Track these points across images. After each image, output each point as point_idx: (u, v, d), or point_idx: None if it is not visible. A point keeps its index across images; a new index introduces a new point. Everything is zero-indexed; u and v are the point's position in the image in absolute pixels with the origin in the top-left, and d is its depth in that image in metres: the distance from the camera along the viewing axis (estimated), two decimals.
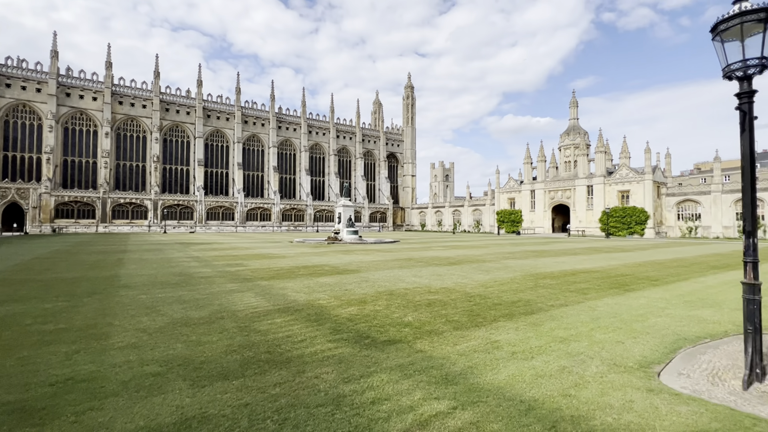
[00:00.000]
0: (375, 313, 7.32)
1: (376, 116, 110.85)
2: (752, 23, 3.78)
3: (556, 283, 11.19)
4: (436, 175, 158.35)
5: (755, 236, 3.88)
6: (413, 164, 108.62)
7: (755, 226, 3.91)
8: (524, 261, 17.73)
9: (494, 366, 4.56)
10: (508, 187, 73.27)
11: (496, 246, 29.42)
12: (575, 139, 63.77)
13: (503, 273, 13.41)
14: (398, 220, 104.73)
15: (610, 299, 8.75)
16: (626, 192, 55.08)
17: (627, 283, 11.03)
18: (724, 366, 4.38)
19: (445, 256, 20.04)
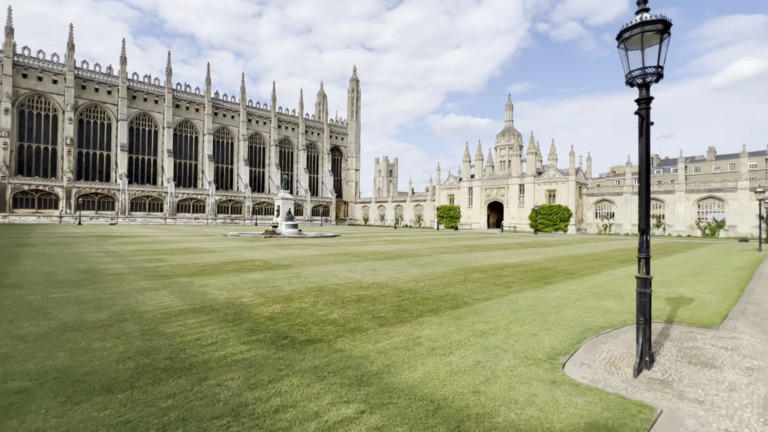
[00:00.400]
0: (300, 311, 7.00)
1: (320, 108, 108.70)
2: (651, 33, 4.01)
3: (485, 277, 11.61)
4: (380, 170, 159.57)
5: (648, 234, 4.17)
6: (357, 158, 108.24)
7: (648, 224, 4.19)
8: (458, 255, 18.29)
9: (412, 363, 4.49)
10: (447, 184, 75.69)
11: (434, 241, 30.18)
12: (510, 141, 67.40)
13: (437, 267, 13.67)
14: (341, 214, 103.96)
15: (531, 292, 9.21)
16: (553, 191, 59.42)
17: (547, 277, 11.74)
18: (620, 354, 4.70)
19: (382, 251, 20.08)
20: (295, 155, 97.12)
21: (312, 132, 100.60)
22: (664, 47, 4.07)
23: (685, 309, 7.45)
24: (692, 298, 8.47)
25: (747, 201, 44.55)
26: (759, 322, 6.56)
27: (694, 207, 49.39)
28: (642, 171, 4.15)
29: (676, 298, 8.45)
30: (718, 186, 48.34)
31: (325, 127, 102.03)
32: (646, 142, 4.10)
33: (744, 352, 4.91)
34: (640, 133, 4.14)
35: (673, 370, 4.20)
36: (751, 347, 5.12)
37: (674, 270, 13.78)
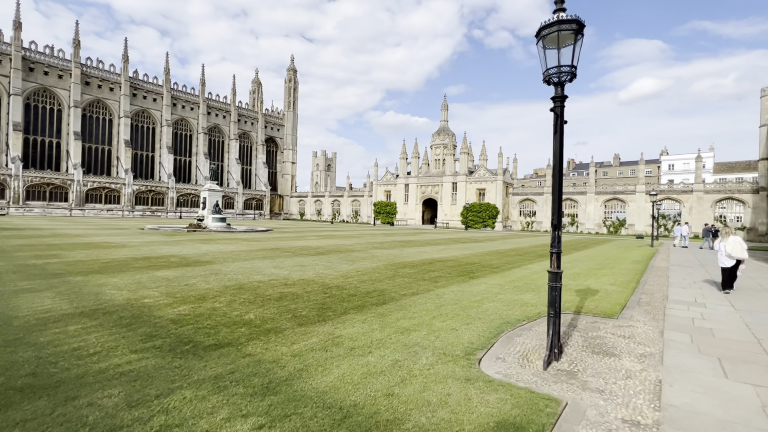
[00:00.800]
0: (211, 312, 6.37)
1: (255, 96, 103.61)
2: (567, 33, 4.08)
3: (414, 272, 11.67)
4: (317, 164, 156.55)
5: (560, 230, 4.29)
6: (294, 151, 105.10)
7: (560, 220, 4.31)
8: (391, 251, 18.35)
9: (327, 366, 4.19)
10: (385, 180, 76.40)
11: (369, 236, 30.14)
12: (444, 140, 69.73)
13: (368, 263, 13.51)
14: (276, 208, 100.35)
15: (457, 287, 9.39)
16: (483, 190, 62.66)
17: (473, 271, 12.13)
18: (533, 347, 4.83)
19: (315, 246, 19.53)
20: (226, 144, 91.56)
21: (245, 121, 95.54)
22: (578, 48, 4.18)
23: (591, 300, 8.03)
24: (598, 289, 9.20)
25: (643, 203, 50.65)
26: (650, 310, 7.25)
27: (601, 207, 55.05)
28: (555, 167, 4.25)
29: (584, 290, 9.12)
30: (621, 189, 54.35)
31: (260, 117, 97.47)
32: (559, 140, 4.19)
33: (638, 340, 5.33)
34: (555, 131, 4.22)
35: (578, 361, 4.39)
36: (644, 335, 5.58)
37: (584, 264, 15.04)
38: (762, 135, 47.19)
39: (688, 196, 49.33)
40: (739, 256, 9.08)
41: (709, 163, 73.66)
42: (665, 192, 51.00)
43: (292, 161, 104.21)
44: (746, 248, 9.29)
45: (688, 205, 49.19)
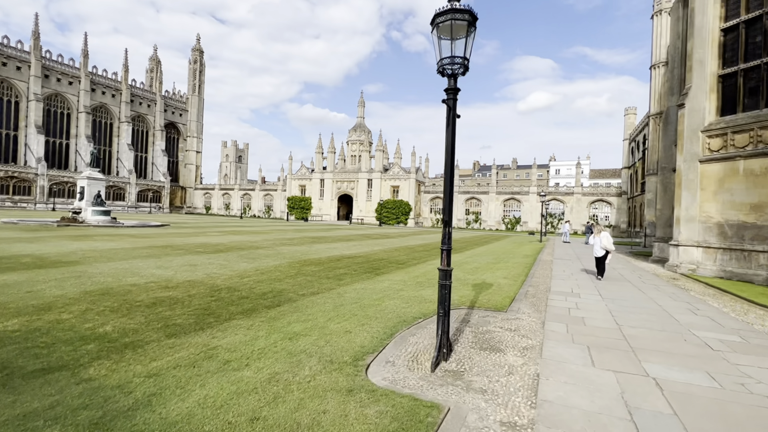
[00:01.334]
0: (53, 326, 5.16)
1: (153, 76, 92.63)
2: (460, 23, 3.96)
3: (319, 269, 11.17)
4: (227, 155, 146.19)
5: (450, 226, 4.18)
6: (199, 139, 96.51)
7: (451, 216, 4.21)
8: (299, 247, 17.57)
9: (189, 387, 3.53)
10: (300, 174, 74.15)
11: (279, 232, 28.74)
12: (361, 136, 70.01)
13: (271, 260, 12.64)
14: (178, 201, 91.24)
15: (360, 284, 9.13)
16: (397, 187, 64.30)
17: (380, 268, 12.04)
18: (425, 346, 4.71)
19: (215, 243, 17.86)
20: (116, 128, 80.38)
21: (141, 102, 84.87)
22: (470, 41, 4.09)
23: (485, 294, 8.38)
24: (492, 283, 9.70)
25: (535, 203, 56.63)
26: (535, 302, 7.78)
27: (501, 206, 60.26)
28: (447, 163, 4.13)
29: (480, 284, 9.54)
30: (517, 190, 60.08)
31: (159, 99, 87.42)
32: (452, 133, 4.07)
33: (522, 332, 5.57)
34: (447, 124, 4.09)
35: (466, 359, 4.35)
36: (528, 327, 5.87)
37: (483, 258, 16.00)
38: (625, 147, 55.85)
39: (570, 197, 56.41)
40: (609, 247, 11.27)
41: (586, 170, 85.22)
42: (552, 194, 57.65)
43: (197, 150, 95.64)
44: (612, 242, 11.46)
45: (570, 205, 56.26)
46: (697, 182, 13.21)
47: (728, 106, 13.01)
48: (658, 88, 28.37)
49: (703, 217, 13.08)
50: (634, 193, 49.01)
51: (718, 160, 12.75)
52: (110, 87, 78.72)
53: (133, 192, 77.93)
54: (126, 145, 79.79)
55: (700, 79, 13.30)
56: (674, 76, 15.95)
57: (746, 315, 7.39)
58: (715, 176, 12.81)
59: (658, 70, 28.67)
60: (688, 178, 13.33)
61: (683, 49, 15.78)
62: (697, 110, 13.32)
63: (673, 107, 16.10)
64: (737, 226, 12.21)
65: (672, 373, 4.20)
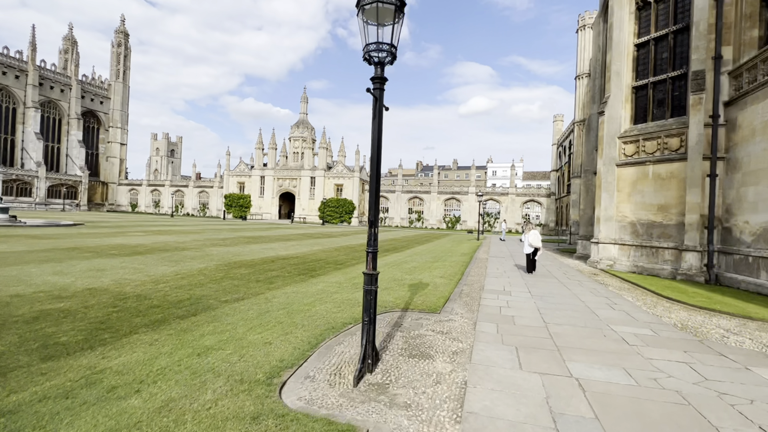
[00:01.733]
0: None
1: (68, 57, 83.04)
2: (387, 8, 3.67)
3: (250, 272, 10.41)
4: (158, 149, 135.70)
5: (376, 226, 3.88)
6: (124, 130, 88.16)
7: (377, 216, 3.90)
8: (231, 248, 16.45)
9: (50, 428, 2.86)
10: (238, 171, 70.58)
11: (212, 231, 26.90)
12: (303, 133, 68.26)
13: (196, 263, 11.59)
14: (98, 198, 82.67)
15: (292, 287, 8.59)
16: (341, 186, 63.56)
17: (316, 269, 11.53)
18: (350, 357, 4.36)
19: (134, 244, 16.15)
20: (19, 113, 70.74)
21: (53, 87, 75.55)
22: (397, 28, 3.82)
23: (420, 295, 8.26)
24: (428, 283, 9.64)
25: (474, 202, 58.97)
26: (469, 302, 7.79)
27: (442, 205, 61.99)
28: (374, 156, 3.81)
29: (416, 284, 9.43)
30: (458, 190, 62.17)
31: (74, 83, 78.40)
32: (378, 126, 3.76)
33: (454, 335, 5.44)
34: (374, 116, 3.77)
35: (393, 369, 4.08)
36: (460, 329, 5.77)
37: (422, 257, 16.08)
38: (553, 152, 60.08)
39: (505, 197, 59.52)
40: (537, 244, 12.26)
41: (520, 172, 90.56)
42: (489, 194, 60.43)
43: (122, 142, 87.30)
44: (540, 239, 12.43)
45: (505, 205, 59.36)
46: (614, 184, 14.29)
47: (641, 114, 14.22)
48: (582, 97, 30.71)
49: (619, 217, 14.18)
50: (561, 194, 52.83)
51: (632, 164, 13.88)
52: (12, 67, 69.12)
53: (42, 187, 69.19)
54: (33, 133, 70.60)
55: (617, 89, 14.40)
56: (596, 85, 17.23)
57: (655, 308, 7.99)
58: (630, 179, 13.94)
59: (582, 81, 31.04)
60: (606, 180, 14.38)
61: (603, 62, 17.06)
62: (615, 118, 14.41)
63: (594, 115, 17.37)
64: (647, 225, 13.37)
65: (593, 372, 4.26)
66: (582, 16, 31.21)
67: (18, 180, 66.50)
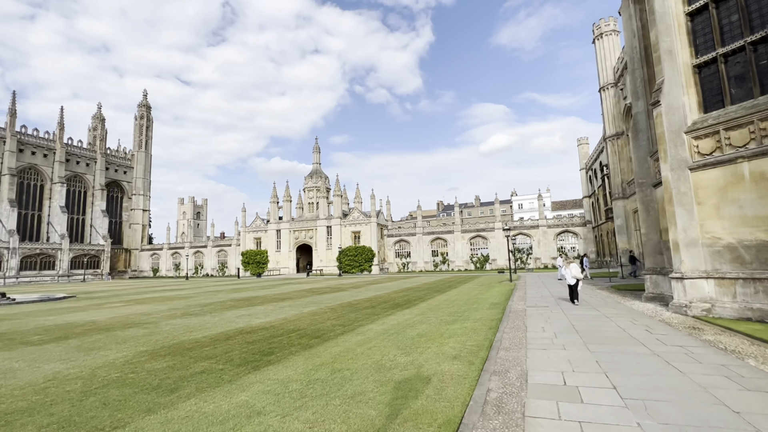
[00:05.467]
0: None
1: (96, 134, 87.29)
2: None
3: (165, 367, 6.95)
4: (184, 212, 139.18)
5: None
6: (146, 197, 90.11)
7: None
8: (197, 319, 13.14)
9: None
10: (254, 227, 69.24)
11: (205, 295, 23.83)
12: (317, 182, 66.93)
13: (112, 353, 8.29)
14: (121, 264, 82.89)
15: (200, 401, 5.04)
16: (358, 233, 60.57)
17: (273, 351, 7.93)
18: None
19: (84, 322, 13.16)
20: (47, 189, 73.32)
21: (78, 162, 78.75)
22: None
23: (412, 407, 4.49)
24: (432, 375, 5.82)
25: (501, 238, 54.31)
26: (504, 423, 3.97)
27: (468, 244, 57.51)
28: None
29: (411, 379, 5.64)
30: (482, 226, 57.86)
31: (99, 156, 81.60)
32: None
33: None
34: None
35: None
36: None
37: (437, 315, 12.18)
38: (582, 177, 55.61)
39: (536, 230, 54.63)
40: (578, 276, 13.32)
41: (547, 202, 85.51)
42: (518, 228, 55.76)
43: (144, 208, 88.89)
44: (581, 271, 13.62)
45: (537, 239, 54.31)
46: (691, 195, 10.33)
47: (712, 98, 10.54)
48: (611, 108, 27.22)
49: (707, 239, 10.06)
50: (598, 221, 47.72)
51: (714, 165, 9.99)
52: (41, 147, 72.66)
53: (66, 259, 69.69)
54: (58, 207, 72.47)
55: (672, 71, 10.88)
56: (636, 78, 13.78)
57: None
58: (714, 185, 9.99)
59: (608, 92, 27.72)
60: (679, 191, 10.45)
61: (641, 48, 13.70)
62: (676, 108, 10.76)
63: (641, 113, 13.75)
64: (757, 248, 9.20)
65: None
66: (597, 24, 28.52)
67: (42, 254, 67.32)
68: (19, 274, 63.28)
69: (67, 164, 75.93)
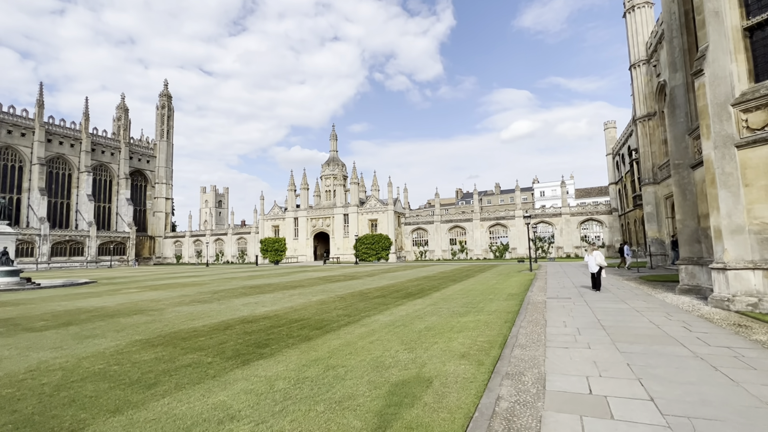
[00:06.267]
0: None
1: (120, 124, 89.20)
2: None
3: (154, 358, 6.54)
4: (206, 201, 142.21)
5: None
6: (169, 185, 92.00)
7: None
8: (205, 306, 12.87)
9: None
10: (272, 215, 69.66)
11: (219, 282, 23.82)
12: (334, 170, 66.51)
13: (107, 341, 7.97)
14: (146, 251, 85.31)
15: (175, 400, 4.53)
16: (375, 221, 60.04)
17: (270, 343, 7.42)
18: None
19: (94, 308, 13.05)
20: (74, 178, 75.67)
21: (104, 152, 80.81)
22: None
23: (405, 417, 3.84)
24: (434, 376, 5.14)
25: (522, 227, 52.73)
26: None
27: (487, 233, 56.16)
28: None
29: (410, 381, 4.97)
30: (502, 215, 56.30)
31: (123, 146, 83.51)
32: None
33: None
34: None
35: None
36: None
37: (450, 306, 11.46)
38: (609, 163, 53.14)
39: (558, 219, 52.73)
40: (602, 263, 13.59)
41: (571, 190, 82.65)
42: (539, 216, 53.96)
43: (167, 197, 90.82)
44: (604, 259, 14.34)
45: (559, 227, 52.47)
46: (737, 176, 9.16)
47: (765, 66, 9.24)
48: (642, 87, 25.37)
49: (755, 226, 8.92)
50: (625, 209, 45.56)
51: (766, 142, 8.78)
52: (68, 137, 74.76)
53: (93, 246, 72.08)
54: (86, 196, 74.78)
55: (718, 35, 9.60)
56: (674, 47, 12.41)
57: None
58: (765, 165, 8.80)
59: (639, 70, 25.82)
60: (723, 171, 9.29)
61: (681, 13, 12.30)
62: (722, 77, 9.51)
63: (679, 86, 12.41)
64: None
65: None
66: None
67: (71, 240, 69.76)
68: (50, 260, 65.88)
69: (93, 154, 78.03)
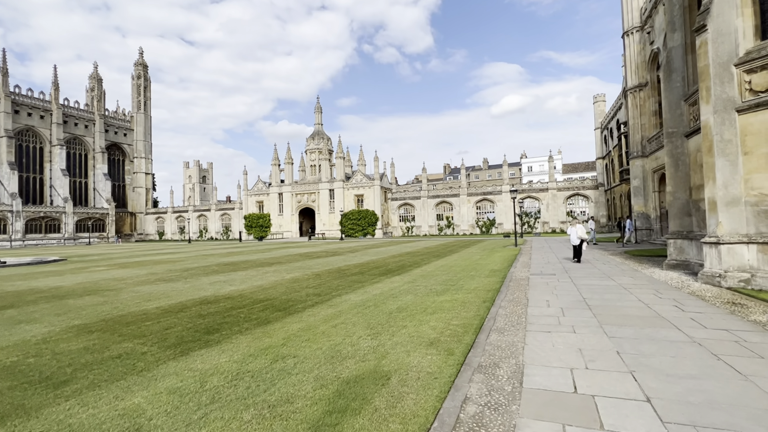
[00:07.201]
0: None
1: (93, 95, 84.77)
2: None
3: (84, 347, 5.69)
4: (190, 176, 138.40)
5: None
6: (148, 159, 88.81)
7: None
8: (168, 285, 12.00)
9: None
10: (256, 190, 67.96)
11: (195, 259, 22.84)
12: (319, 144, 64.74)
13: (41, 326, 7.06)
14: (127, 228, 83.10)
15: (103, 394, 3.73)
16: (361, 196, 59.00)
17: (221, 328, 6.63)
18: None
19: (49, 287, 12.04)
20: (46, 152, 72.26)
21: (77, 124, 76.98)
22: None
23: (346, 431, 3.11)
24: (394, 371, 4.40)
25: (508, 201, 52.40)
26: None
27: (474, 208, 55.78)
28: None
29: (366, 376, 4.24)
30: (490, 190, 55.83)
31: (98, 118, 79.69)
32: None
33: None
34: None
35: None
36: None
37: (429, 283, 10.81)
38: (597, 137, 52.60)
39: (545, 194, 52.49)
40: (584, 237, 14.40)
41: (558, 165, 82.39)
42: (526, 191, 53.63)
43: (147, 172, 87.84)
44: (586, 232, 15.14)
45: (545, 202, 52.30)
46: (736, 143, 8.47)
47: None
48: (634, 56, 24.39)
49: (753, 197, 8.31)
50: (611, 184, 45.40)
51: None
52: (37, 107, 70.81)
53: (70, 222, 69.72)
54: (60, 170, 71.68)
55: None
56: (674, 5, 11.45)
57: None
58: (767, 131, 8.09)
59: (632, 37, 24.76)
60: (722, 138, 8.58)
61: None
62: (726, 33, 8.66)
63: (677, 47, 11.54)
64: None
65: None
66: None
67: (46, 217, 67.29)
68: (25, 237, 63.58)
69: (65, 126, 74.31)
